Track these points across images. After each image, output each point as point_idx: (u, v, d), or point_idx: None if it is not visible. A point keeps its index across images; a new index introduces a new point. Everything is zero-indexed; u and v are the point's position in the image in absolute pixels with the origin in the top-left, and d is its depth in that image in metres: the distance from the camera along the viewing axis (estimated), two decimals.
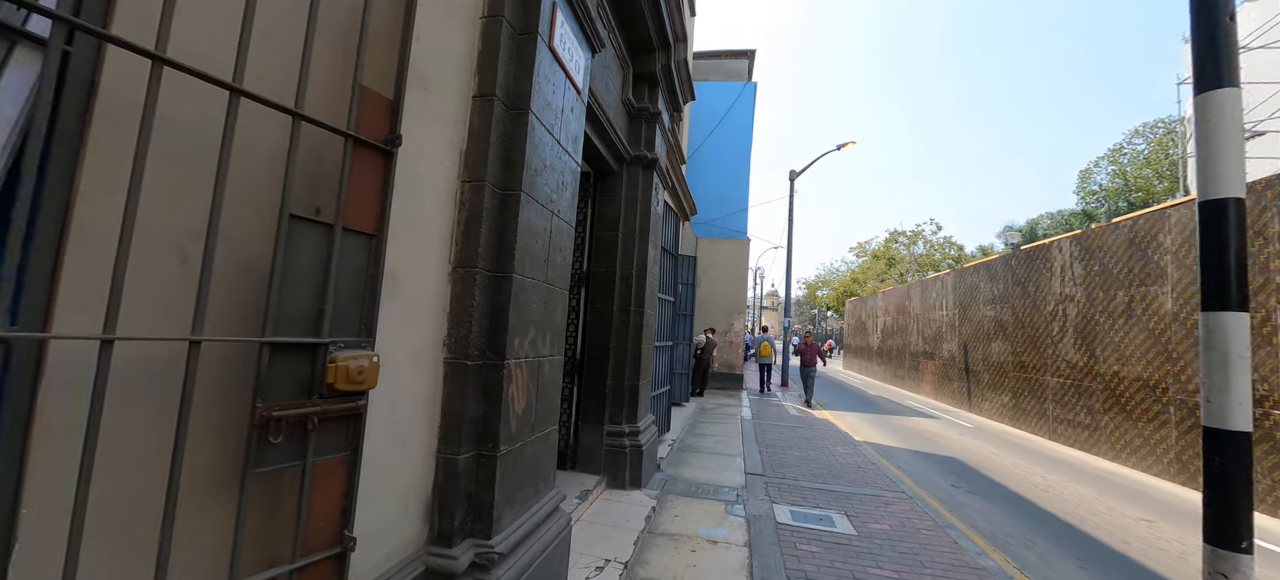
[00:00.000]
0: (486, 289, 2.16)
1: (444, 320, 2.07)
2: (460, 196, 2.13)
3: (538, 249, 2.42)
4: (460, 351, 2.07)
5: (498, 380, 2.13)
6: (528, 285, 2.32)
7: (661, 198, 5.74)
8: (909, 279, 32.86)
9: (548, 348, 2.59)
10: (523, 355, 2.29)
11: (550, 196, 2.53)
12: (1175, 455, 6.88)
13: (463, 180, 2.14)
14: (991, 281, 11.98)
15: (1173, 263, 7.07)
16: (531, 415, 2.42)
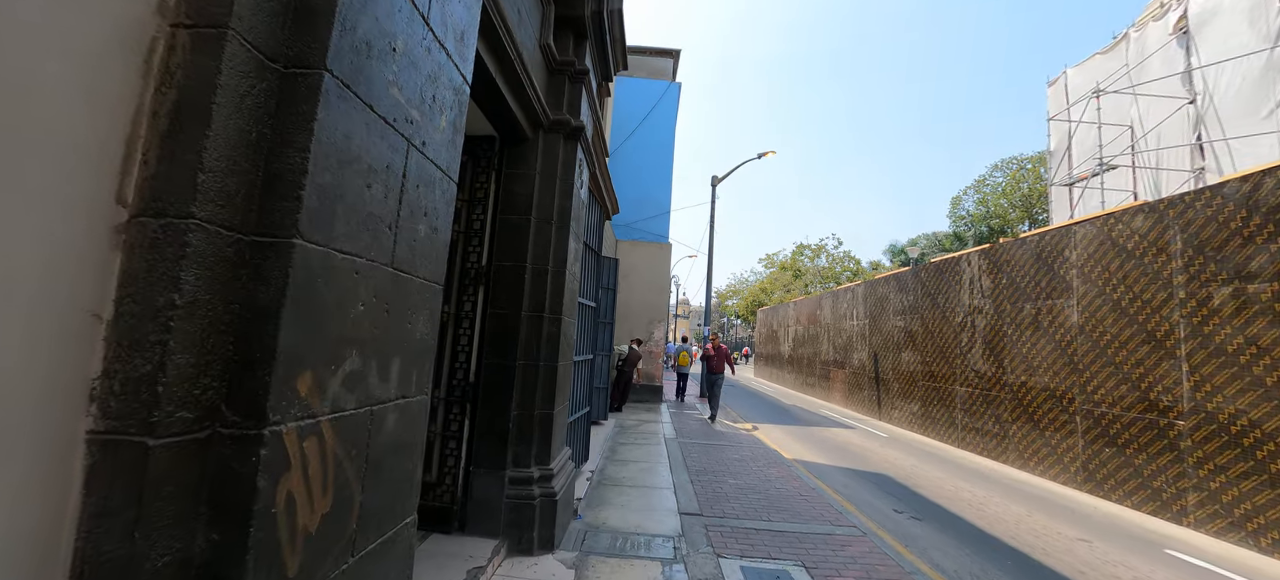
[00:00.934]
0: (220, 268, 1.00)
1: (94, 339, 0.89)
2: (158, 57, 0.95)
3: (371, 199, 1.29)
4: (137, 412, 0.89)
5: (248, 469, 0.98)
6: (338, 265, 1.19)
7: (586, 179, 4.70)
8: (813, 290, 34.55)
9: (393, 385, 1.45)
10: (321, 409, 1.15)
11: (404, 109, 1.41)
12: (1082, 464, 7.06)
13: (168, 22, 0.96)
14: (902, 293, 12.29)
15: (1078, 277, 7.31)
16: (345, 523, 1.26)
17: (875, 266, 46.64)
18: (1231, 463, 5.30)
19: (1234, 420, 5.31)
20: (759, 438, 9.40)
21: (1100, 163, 14.62)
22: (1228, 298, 5.43)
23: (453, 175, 1.79)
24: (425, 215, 1.56)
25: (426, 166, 1.55)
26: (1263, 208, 5.18)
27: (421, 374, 1.59)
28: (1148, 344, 6.26)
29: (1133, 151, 13.92)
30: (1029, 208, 40.13)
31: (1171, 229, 6.06)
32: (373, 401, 1.33)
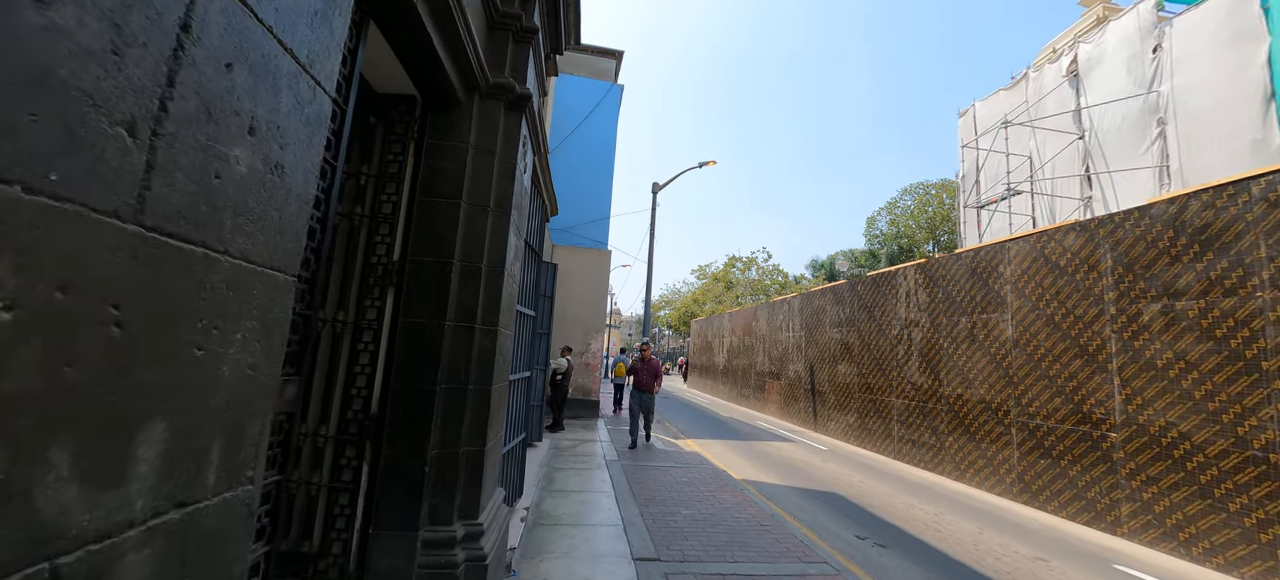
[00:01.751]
0: None
1: None
2: None
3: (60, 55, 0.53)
4: None
5: None
6: None
7: (530, 163, 3.96)
8: (745, 302, 35.26)
9: (143, 487, 0.66)
10: None
11: None
12: (1017, 475, 7.19)
13: None
14: (838, 305, 12.44)
15: (1012, 292, 7.52)
16: None
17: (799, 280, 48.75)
18: (1163, 474, 5.47)
19: (1164, 432, 5.49)
20: (704, 456, 8.93)
21: (1007, 188, 15.79)
22: (1157, 314, 5.65)
23: (325, 82, 1.03)
24: (251, 133, 0.80)
25: (254, 31, 0.79)
26: (1188, 229, 5.42)
27: (236, 446, 0.81)
28: (1080, 358, 6.45)
29: (1031, 180, 15.12)
30: (933, 229, 43.62)
31: (1102, 247, 6.30)
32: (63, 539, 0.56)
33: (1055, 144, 14.52)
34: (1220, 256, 5.13)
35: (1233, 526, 4.86)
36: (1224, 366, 5.03)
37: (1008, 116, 15.84)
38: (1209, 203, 5.27)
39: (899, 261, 42.08)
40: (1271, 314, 4.72)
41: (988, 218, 16.43)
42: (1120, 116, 12.84)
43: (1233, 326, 5.00)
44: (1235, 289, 5.00)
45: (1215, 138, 10.66)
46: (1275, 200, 4.77)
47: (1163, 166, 11.79)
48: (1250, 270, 4.90)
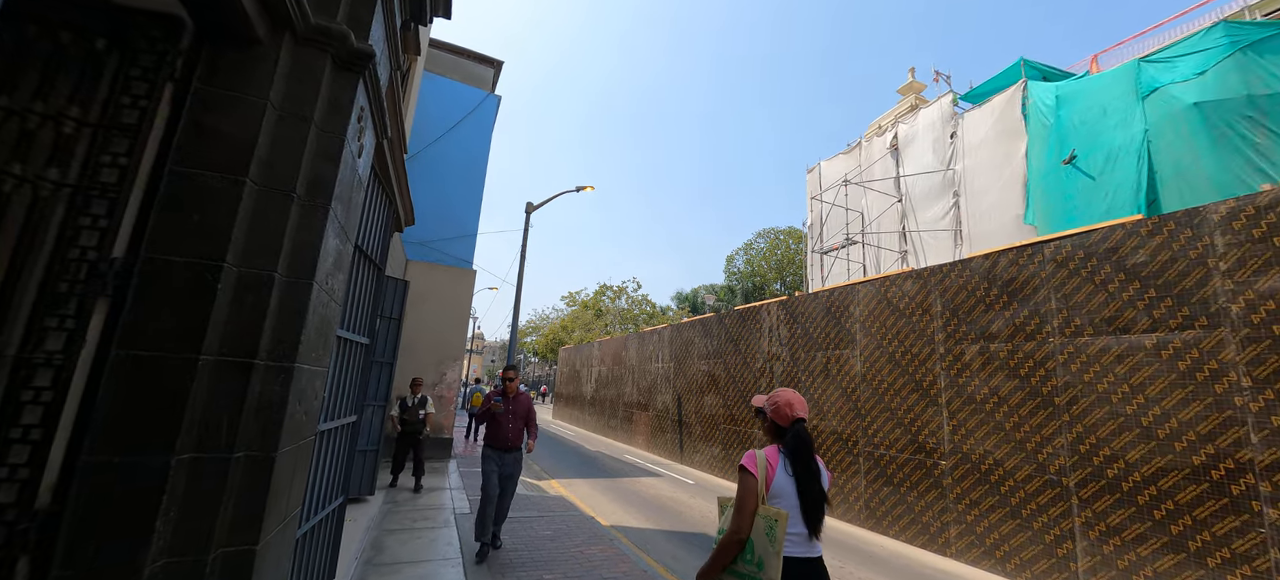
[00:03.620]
0: None
1: None
2: None
3: None
4: None
5: None
6: None
7: (369, 147, 3.08)
8: (614, 330, 35.34)
9: None
10: None
11: None
12: (865, 502, 7.69)
13: None
14: (706, 337, 12.73)
15: (861, 330, 8.19)
16: None
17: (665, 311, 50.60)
18: (982, 497, 6.14)
19: (983, 459, 6.19)
20: (569, 499, 8.20)
21: (846, 239, 17.88)
22: (976, 354, 6.44)
23: None
24: None
25: None
26: (999, 281, 6.30)
27: None
28: (917, 392, 7.13)
29: (862, 233, 17.34)
30: (782, 271, 48.54)
31: (933, 293, 7.10)
32: None
33: (881, 203, 16.86)
34: (1022, 306, 6.01)
35: (1036, 543, 5.55)
36: (1027, 401, 5.83)
37: (847, 176, 18.08)
38: (1013, 260, 6.19)
39: (753, 298, 45.95)
40: (1061, 356, 5.57)
41: (830, 263, 18.46)
42: (928, 186, 15.31)
43: (1032, 366, 5.83)
44: (1034, 334, 5.86)
45: (993, 209, 13.14)
46: (1061, 261, 5.71)
47: (957, 230, 14.23)
48: (1044, 318, 5.78)
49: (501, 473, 5.21)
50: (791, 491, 2.15)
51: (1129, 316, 5.14)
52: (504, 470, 5.23)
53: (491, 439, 5.27)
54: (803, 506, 2.16)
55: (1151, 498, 4.77)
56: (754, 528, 2.09)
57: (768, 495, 2.14)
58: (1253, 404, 4.31)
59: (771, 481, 2.16)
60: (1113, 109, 10.72)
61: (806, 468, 2.19)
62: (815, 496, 2.18)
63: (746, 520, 2.10)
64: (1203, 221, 4.80)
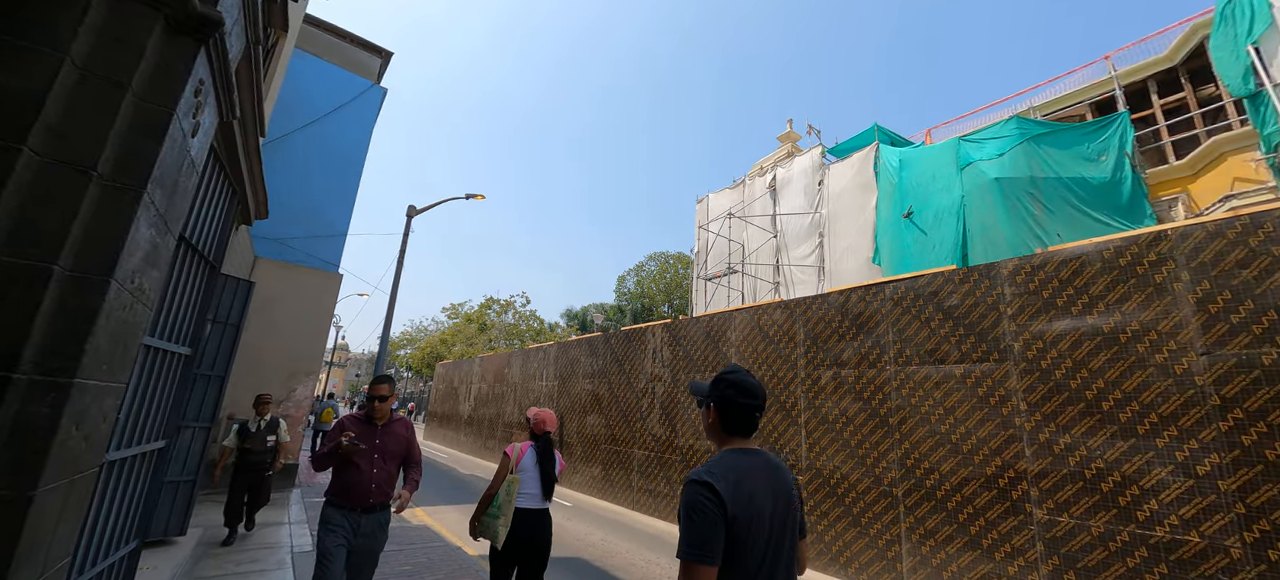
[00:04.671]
0: None
1: None
2: None
3: None
4: None
5: None
6: None
7: (210, 127, 2.68)
8: (499, 346, 33.92)
9: None
10: None
11: None
12: None
13: None
14: (592, 356, 12.74)
15: (736, 354, 8.76)
16: None
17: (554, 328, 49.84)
18: (831, 509, 6.82)
19: (832, 474, 6.89)
20: (433, 528, 7.61)
21: (729, 268, 19.10)
22: (830, 379, 7.20)
23: None
24: None
25: None
26: (851, 314, 7.14)
27: None
28: (781, 413, 7.77)
29: (743, 263, 18.67)
30: (670, 294, 50.40)
31: (798, 323, 7.84)
32: None
33: (759, 237, 18.32)
34: (867, 337, 6.87)
35: (871, 547, 6.28)
36: (868, 421, 6.63)
37: (731, 210, 19.40)
38: (862, 296, 7.07)
39: (642, 319, 47.07)
40: (895, 382, 6.44)
41: (713, 290, 19.58)
42: (799, 226, 16.98)
43: (873, 390, 6.67)
44: (875, 362, 6.72)
45: (849, 251, 14.93)
46: (897, 300, 6.65)
47: (821, 267, 15.90)
48: (883, 349, 6.66)
49: (353, 545, 3.26)
50: (533, 469, 3.59)
51: (945, 350, 6.11)
52: (357, 542, 3.28)
53: (341, 492, 3.31)
54: (541, 478, 3.59)
55: (957, 503, 5.66)
56: (502, 488, 3.49)
57: (516, 469, 3.53)
58: (1027, 423, 5.34)
59: (520, 462, 3.58)
60: (939, 176, 12.83)
61: (544, 457, 3.66)
62: (548, 474, 3.63)
63: (497, 483, 3.55)
64: (997, 274, 5.90)
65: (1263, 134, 9.44)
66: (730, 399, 1.68)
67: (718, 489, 1.46)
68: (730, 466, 1.55)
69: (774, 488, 1.59)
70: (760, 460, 1.63)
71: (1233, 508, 4.13)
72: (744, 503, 1.48)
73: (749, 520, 1.47)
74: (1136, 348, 4.80)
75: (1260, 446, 4.10)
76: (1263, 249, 4.33)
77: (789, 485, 1.66)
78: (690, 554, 1.40)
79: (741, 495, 1.49)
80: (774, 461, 1.68)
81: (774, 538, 1.53)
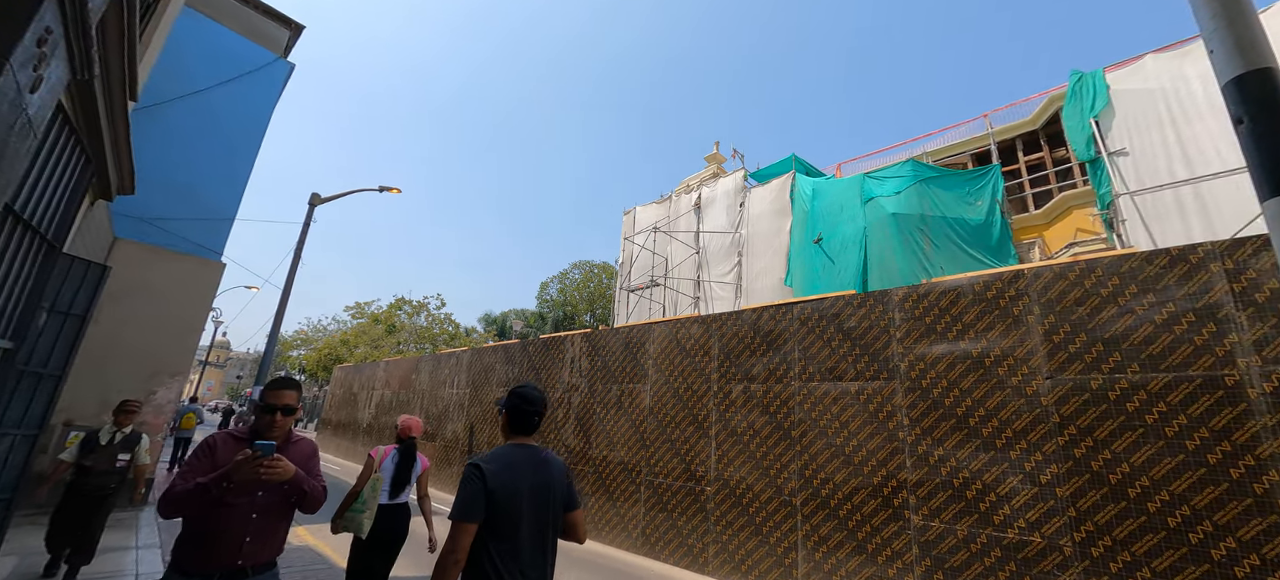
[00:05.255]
0: None
1: None
2: None
3: None
4: None
5: None
6: None
7: (57, 83, 2.30)
8: (408, 350, 31.91)
9: None
10: None
11: None
12: (642, 530, 8.18)
13: None
14: (509, 364, 12.35)
15: (653, 366, 8.88)
16: None
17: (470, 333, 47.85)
18: (736, 518, 7.06)
19: (738, 485, 7.16)
20: (316, 547, 6.97)
21: (652, 280, 19.40)
22: (740, 393, 7.50)
23: None
24: None
25: None
26: (762, 331, 7.50)
27: None
28: (692, 425, 7.97)
29: (665, 277, 19.06)
30: (593, 303, 50.25)
31: (713, 337, 8.10)
32: None
33: (682, 253, 18.80)
34: (776, 354, 7.24)
35: (771, 555, 6.57)
36: (773, 434, 6.97)
37: (657, 224, 19.77)
38: (773, 315, 7.46)
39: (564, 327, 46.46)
40: (799, 397, 6.84)
41: (635, 301, 19.78)
42: (720, 244, 17.64)
43: (779, 405, 7.03)
44: (782, 377, 7.10)
45: (765, 271, 15.73)
46: (804, 320, 7.09)
47: (739, 284, 16.61)
48: (790, 365, 7.05)
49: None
50: (392, 469, 4.13)
51: (843, 368, 6.59)
52: None
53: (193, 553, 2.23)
54: (395, 479, 4.12)
55: (848, 511, 6.09)
56: (368, 485, 3.96)
57: (378, 469, 4.06)
58: (909, 437, 5.87)
59: (382, 463, 4.12)
60: (846, 207, 13.93)
61: (405, 458, 4.22)
62: (402, 474, 4.17)
63: (362, 481, 4.01)
64: (889, 301, 6.47)
65: (1099, 193, 11.21)
66: (516, 406, 2.24)
67: (483, 469, 1.98)
68: (503, 455, 2.09)
69: (536, 472, 2.12)
70: (530, 452, 2.17)
71: (1067, 511, 4.80)
72: (506, 482, 2.00)
73: (509, 496, 1.99)
74: (998, 370, 5.46)
75: (1088, 458, 4.80)
76: (1094, 290, 5.11)
77: (553, 471, 2.20)
78: (455, 514, 1.93)
79: (506, 476, 2.01)
80: (544, 455, 2.22)
81: (534, 508, 2.06)
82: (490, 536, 1.95)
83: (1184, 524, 4.30)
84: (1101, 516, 4.63)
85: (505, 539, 1.96)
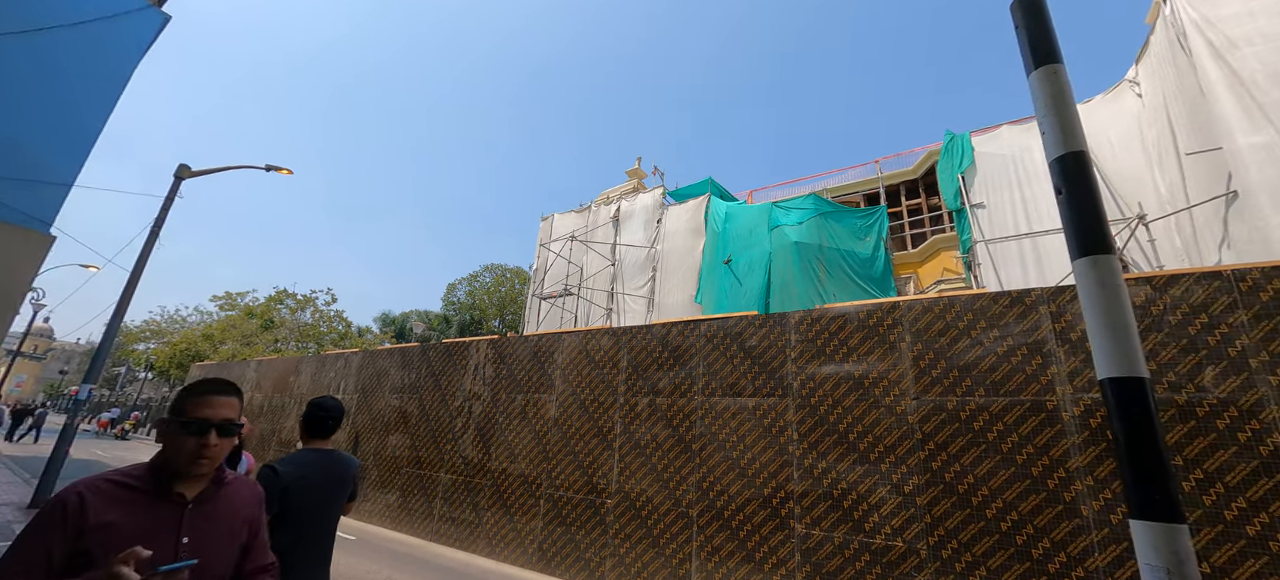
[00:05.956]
0: None
1: None
2: None
3: None
4: None
5: None
6: None
7: None
8: (288, 349, 28.73)
9: None
10: None
11: None
12: (539, 545, 7.94)
13: None
14: (405, 369, 11.53)
15: (561, 377, 8.73)
16: None
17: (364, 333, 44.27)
18: (634, 531, 7.09)
19: (639, 497, 7.20)
20: None
21: (566, 289, 19.18)
22: (646, 406, 7.58)
23: None
24: None
25: None
26: (670, 346, 7.66)
27: None
28: (597, 437, 7.91)
29: (579, 286, 18.96)
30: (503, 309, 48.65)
31: (623, 350, 8.14)
32: None
33: (598, 263, 18.81)
34: (682, 369, 7.43)
35: (666, 567, 6.66)
36: (675, 447, 7.12)
37: (574, 233, 19.64)
38: (681, 331, 7.65)
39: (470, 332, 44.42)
40: (701, 411, 7.05)
41: (547, 309, 19.42)
42: (636, 258, 17.88)
43: (681, 418, 7.20)
44: (686, 392, 7.29)
45: (677, 288, 16.16)
46: (710, 336, 7.35)
47: (651, 299, 16.92)
48: (694, 380, 7.26)
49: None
50: None
51: (742, 384, 6.91)
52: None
53: None
54: None
55: (739, 521, 6.34)
56: None
57: None
58: (797, 451, 6.27)
59: None
60: (754, 232, 14.75)
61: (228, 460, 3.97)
62: None
63: None
64: (787, 323, 6.91)
65: (962, 239, 12.87)
66: (313, 414, 2.62)
67: (278, 470, 2.37)
68: (299, 457, 2.51)
69: (329, 472, 2.57)
70: (323, 455, 2.59)
71: (924, 518, 5.36)
72: (299, 480, 2.41)
73: (302, 491, 2.41)
74: (874, 391, 6.02)
75: (943, 470, 5.41)
76: (953, 323, 5.82)
77: (344, 471, 2.65)
78: None
79: (300, 476, 2.42)
80: (338, 457, 2.66)
81: (324, 503, 2.54)
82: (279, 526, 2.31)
83: (1012, 527, 4.98)
84: (951, 522, 5.23)
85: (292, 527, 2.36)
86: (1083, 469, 4.84)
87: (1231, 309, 4.67)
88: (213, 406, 1.55)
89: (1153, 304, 4.97)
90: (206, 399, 1.55)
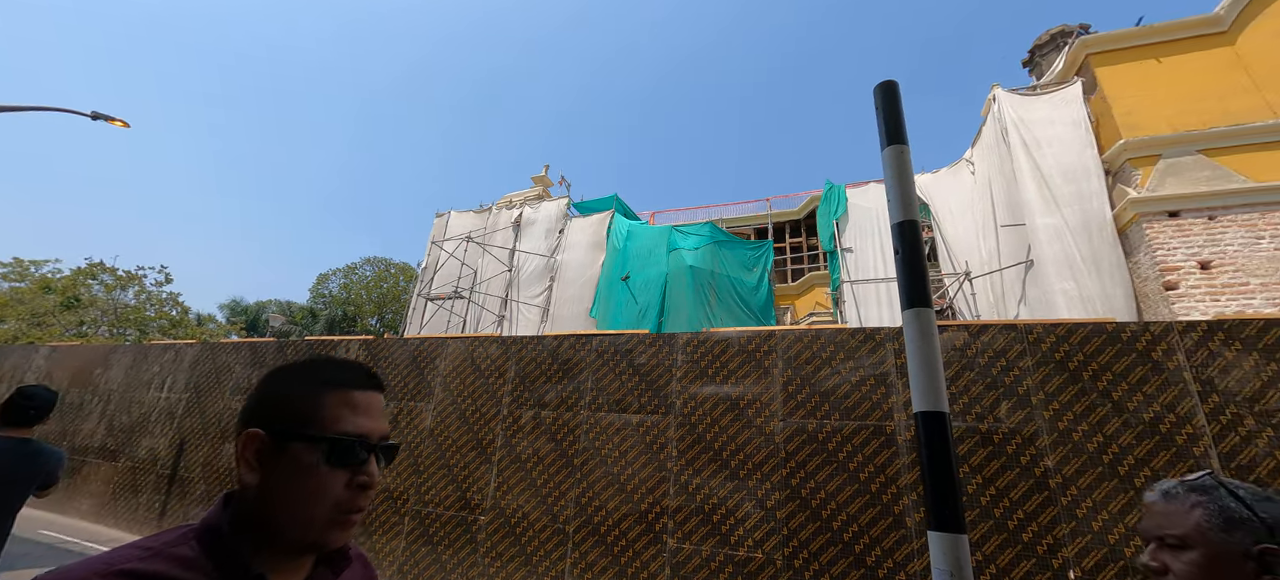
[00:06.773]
0: None
1: None
2: None
3: None
4: None
5: None
6: None
7: None
8: (97, 335, 23.80)
9: None
10: None
11: None
12: (399, 566, 7.33)
13: None
14: (254, 367, 10.11)
15: (442, 385, 8.22)
16: None
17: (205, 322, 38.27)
18: (507, 549, 6.83)
19: (515, 513, 6.96)
20: None
21: (456, 291, 18.21)
22: (531, 419, 7.40)
23: None
24: None
25: None
26: (560, 359, 7.58)
27: None
28: (475, 450, 7.55)
29: (472, 290, 18.13)
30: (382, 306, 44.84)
31: (511, 360, 7.89)
32: None
33: (494, 268, 18.14)
34: (570, 382, 7.38)
35: None
36: (557, 461, 7.01)
37: (471, 233, 18.77)
38: (572, 344, 7.61)
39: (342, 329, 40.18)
40: (585, 426, 7.04)
41: (433, 311, 18.26)
42: (535, 266, 17.52)
43: (566, 433, 7.13)
44: (573, 406, 7.23)
45: (573, 300, 16.08)
46: (600, 351, 7.39)
47: (546, 309, 16.64)
48: (582, 395, 7.24)
49: None
50: None
51: (629, 400, 7.03)
52: None
53: None
54: None
55: (615, 537, 6.40)
56: None
57: None
58: (675, 467, 6.49)
59: None
60: (654, 253, 15.21)
61: None
62: None
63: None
64: (675, 343, 7.18)
65: (832, 278, 14.37)
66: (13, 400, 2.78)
67: None
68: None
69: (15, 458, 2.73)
70: (18, 443, 2.76)
71: (781, 530, 5.82)
72: None
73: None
74: (748, 412, 6.45)
75: (800, 486, 5.93)
76: (818, 353, 6.45)
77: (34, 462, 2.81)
78: None
79: None
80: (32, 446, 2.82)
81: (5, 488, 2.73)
82: None
83: (853, 537, 5.59)
84: (804, 534, 5.74)
85: None
86: (909, 486, 5.58)
87: (1022, 356, 5.72)
88: (371, 413, 0.90)
89: (969, 347, 5.93)
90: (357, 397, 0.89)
